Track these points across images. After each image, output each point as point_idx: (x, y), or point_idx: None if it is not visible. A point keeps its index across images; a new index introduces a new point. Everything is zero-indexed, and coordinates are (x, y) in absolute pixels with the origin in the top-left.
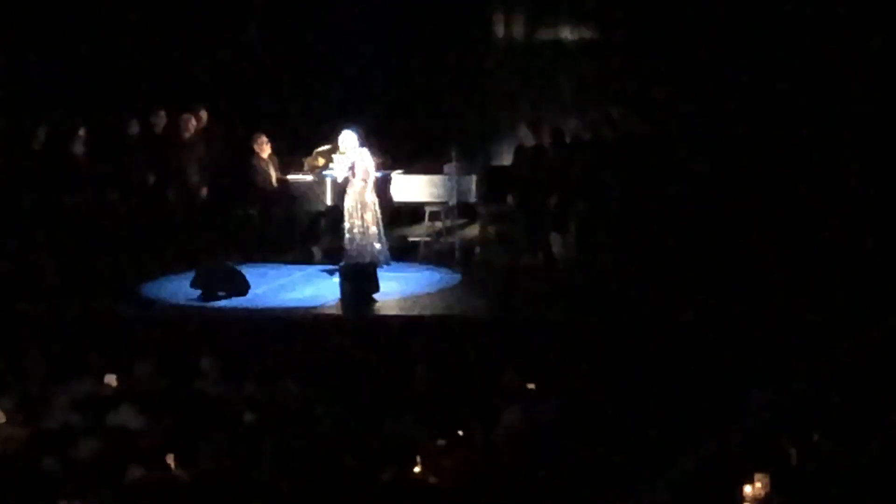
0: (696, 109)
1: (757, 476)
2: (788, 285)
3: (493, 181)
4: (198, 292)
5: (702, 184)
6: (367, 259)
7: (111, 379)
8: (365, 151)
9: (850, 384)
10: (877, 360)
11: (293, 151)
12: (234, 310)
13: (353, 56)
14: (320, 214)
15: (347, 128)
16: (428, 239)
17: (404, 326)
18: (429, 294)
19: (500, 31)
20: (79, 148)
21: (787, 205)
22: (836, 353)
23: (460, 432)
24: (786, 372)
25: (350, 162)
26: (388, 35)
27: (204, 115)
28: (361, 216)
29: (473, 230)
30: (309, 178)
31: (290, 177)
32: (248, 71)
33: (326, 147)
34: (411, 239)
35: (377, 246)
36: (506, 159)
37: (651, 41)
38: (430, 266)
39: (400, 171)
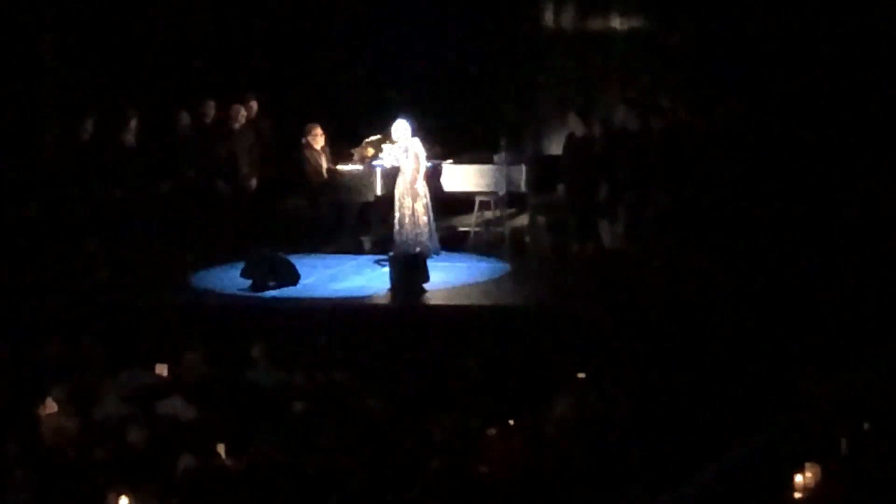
0: (747, 100)
1: (808, 465)
2: (842, 276)
3: (543, 171)
4: (248, 282)
5: (752, 175)
6: (417, 249)
7: (162, 369)
8: (417, 141)
9: None
10: None
11: (343, 142)
12: (285, 300)
13: (403, 46)
14: (370, 205)
15: (400, 117)
16: (478, 229)
17: (454, 316)
18: (478, 284)
19: (549, 19)
20: (129, 138)
21: (839, 199)
22: (888, 342)
23: (511, 422)
24: (840, 362)
25: (402, 148)
26: (438, 25)
27: (254, 104)
28: (412, 206)
29: (523, 220)
30: (359, 168)
31: (339, 167)
32: (298, 60)
33: (376, 137)
34: (461, 228)
35: (427, 235)
36: (556, 149)
37: (701, 30)
38: (480, 256)
39: (450, 160)
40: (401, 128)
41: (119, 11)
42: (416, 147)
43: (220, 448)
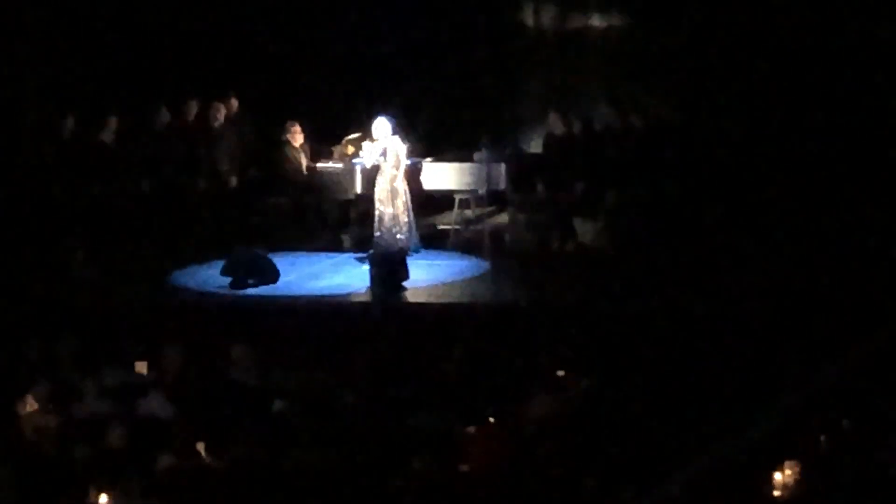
0: (727, 97)
1: (787, 463)
2: (820, 273)
3: (523, 169)
4: (228, 280)
5: (732, 172)
6: (397, 247)
7: (142, 367)
8: (397, 139)
9: (879, 372)
10: None
11: (323, 140)
12: (265, 298)
13: (384, 44)
14: (350, 203)
15: (381, 115)
16: (457, 227)
17: (434, 314)
18: (458, 282)
19: (530, 18)
20: (109, 137)
21: (818, 195)
22: (867, 341)
23: (491, 420)
24: (817, 360)
25: (382, 147)
26: (419, 23)
27: (234, 103)
28: (391, 204)
29: (503, 218)
30: (339, 166)
31: (319, 165)
32: (278, 58)
33: (356, 135)
34: (441, 227)
35: (407, 233)
36: (536, 147)
37: (680, 28)
38: (460, 254)
39: (430, 158)
40: (381, 126)
41: (99, 10)
42: (397, 145)
43: (200, 446)
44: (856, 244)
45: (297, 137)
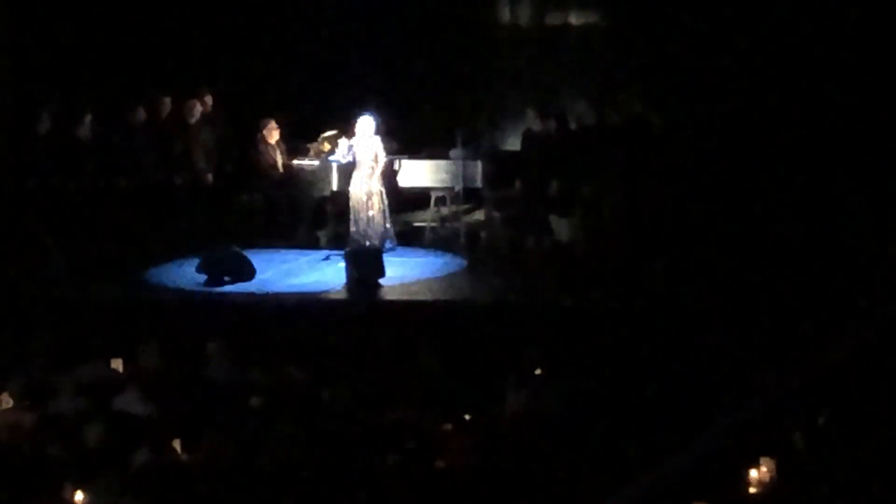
0: (702, 94)
1: (762, 460)
2: (793, 271)
3: (499, 166)
4: (204, 277)
5: (707, 169)
6: (373, 244)
7: (117, 364)
8: (377, 139)
9: (855, 369)
10: (881, 347)
11: (299, 136)
12: (240, 295)
13: (359, 41)
14: (326, 200)
15: (366, 112)
16: (433, 224)
17: (409, 311)
18: (434, 279)
19: (506, 15)
20: (84, 133)
21: (792, 192)
22: (842, 339)
23: (466, 417)
24: (791, 358)
25: (348, 145)
26: (395, 19)
27: (209, 99)
28: (367, 201)
29: (479, 215)
30: (315, 163)
31: (295, 162)
32: (254, 54)
33: (332, 132)
34: (417, 224)
35: (382, 231)
36: (512, 144)
37: (657, 26)
38: (436, 251)
39: (406, 155)
40: (365, 123)
41: (75, 5)
42: (376, 145)
43: (176, 443)
44: (832, 239)
45: (274, 134)
